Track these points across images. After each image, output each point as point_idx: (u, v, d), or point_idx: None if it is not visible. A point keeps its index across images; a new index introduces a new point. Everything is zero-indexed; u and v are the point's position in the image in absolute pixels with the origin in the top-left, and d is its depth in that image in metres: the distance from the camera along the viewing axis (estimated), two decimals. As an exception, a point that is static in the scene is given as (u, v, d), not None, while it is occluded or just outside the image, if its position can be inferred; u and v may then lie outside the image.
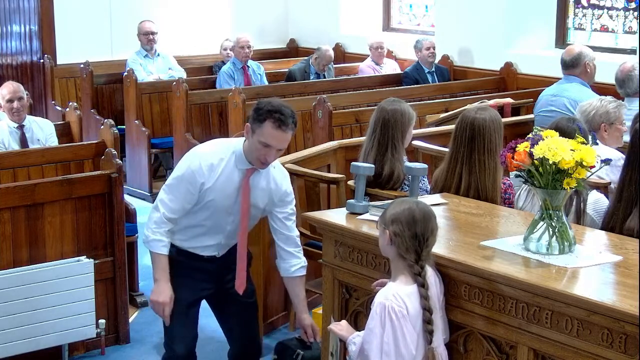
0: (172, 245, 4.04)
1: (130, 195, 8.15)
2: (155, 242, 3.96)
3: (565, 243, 3.28)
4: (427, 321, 3.16)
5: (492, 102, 6.99)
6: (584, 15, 8.83)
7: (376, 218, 3.53)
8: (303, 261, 4.15)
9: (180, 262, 4.05)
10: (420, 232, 3.18)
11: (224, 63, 9.65)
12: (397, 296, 3.14)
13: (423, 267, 3.18)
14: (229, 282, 4.11)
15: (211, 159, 3.89)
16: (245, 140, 3.91)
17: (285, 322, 5.63)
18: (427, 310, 3.16)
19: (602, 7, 8.71)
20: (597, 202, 4.14)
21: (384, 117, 4.91)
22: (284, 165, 5.37)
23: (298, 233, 4.19)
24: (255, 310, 4.31)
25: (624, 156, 4.20)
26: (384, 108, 4.95)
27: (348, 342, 3.29)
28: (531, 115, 6.78)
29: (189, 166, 3.90)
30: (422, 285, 3.16)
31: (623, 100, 5.83)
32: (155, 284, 4.00)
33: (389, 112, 4.91)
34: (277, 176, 4.04)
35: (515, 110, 7.33)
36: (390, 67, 9.88)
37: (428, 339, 3.17)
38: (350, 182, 5.05)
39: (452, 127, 4.66)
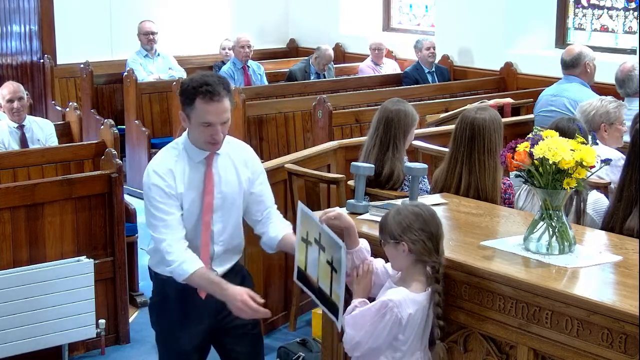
0: (158, 279, 3.66)
1: (130, 195, 8.14)
2: (179, 267, 3.46)
3: (565, 243, 3.28)
4: (438, 317, 3.18)
5: (492, 102, 6.99)
6: (584, 15, 8.83)
7: (376, 218, 3.53)
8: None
9: (168, 305, 3.64)
10: (434, 231, 3.20)
11: (223, 63, 9.66)
12: (405, 303, 3.15)
13: (442, 263, 3.20)
14: (227, 315, 3.58)
15: (165, 165, 3.52)
16: (187, 131, 3.58)
17: (285, 322, 5.63)
18: (439, 306, 3.18)
19: (602, 7, 8.72)
20: (597, 202, 4.14)
21: (387, 117, 4.91)
22: (284, 166, 5.40)
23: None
24: (261, 343, 3.86)
25: (624, 156, 4.20)
26: (387, 108, 4.96)
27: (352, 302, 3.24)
28: (531, 115, 6.78)
29: (150, 183, 3.51)
30: (438, 282, 3.19)
31: (623, 101, 5.83)
32: (223, 298, 3.45)
33: (392, 112, 4.91)
34: (238, 148, 3.68)
35: (515, 110, 7.33)
36: (390, 67, 9.89)
37: (438, 334, 3.19)
38: (350, 182, 5.05)
39: (452, 127, 4.66)
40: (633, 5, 8.48)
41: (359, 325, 3.15)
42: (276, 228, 3.67)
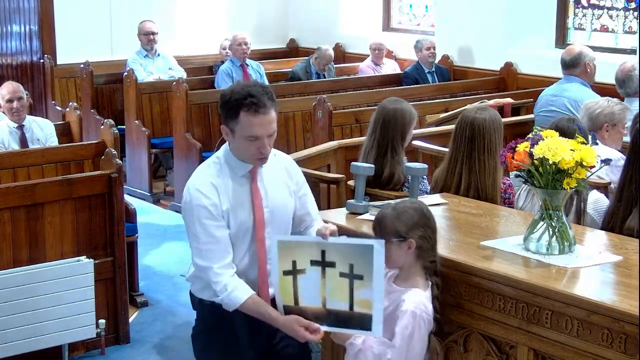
0: (202, 306, 3.41)
1: (130, 195, 8.15)
2: (230, 296, 3.24)
3: (565, 243, 3.28)
4: (437, 310, 3.21)
5: (492, 102, 6.99)
6: (584, 15, 8.83)
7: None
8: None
9: (215, 335, 3.41)
10: (433, 225, 3.25)
11: (222, 63, 9.66)
12: (425, 304, 3.17)
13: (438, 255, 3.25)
14: (278, 342, 3.39)
15: (208, 179, 3.30)
16: (227, 144, 3.36)
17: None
18: (437, 299, 3.21)
19: (602, 7, 8.71)
20: (597, 202, 4.14)
21: (383, 118, 4.88)
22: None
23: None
24: None
25: (623, 156, 4.20)
26: (384, 107, 4.93)
27: (349, 343, 3.21)
28: (531, 115, 6.78)
29: (193, 204, 3.27)
30: (437, 275, 3.22)
31: (623, 101, 5.83)
32: (278, 326, 3.26)
33: (389, 113, 4.87)
34: (280, 158, 3.47)
35: (515, 110, 7.33)
36: (390, 67, 9.89)
37: (435, 327, 3.22)
38: (350, 182, 5.05)
39: (452, 127, 4.66)
40: (633, 5, 8.47)
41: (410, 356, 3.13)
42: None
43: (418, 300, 3.15)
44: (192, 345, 3.55)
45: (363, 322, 3.10)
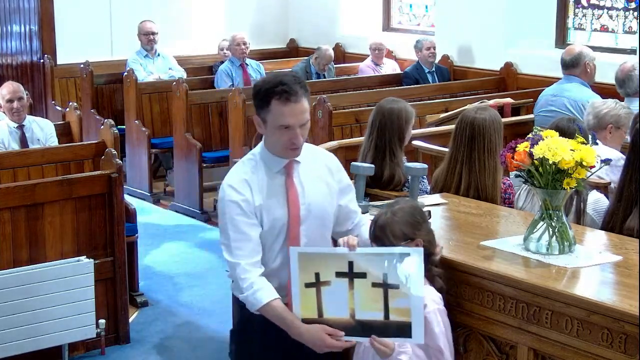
0: (240, 306, 3.32)
1: (130, 195, 8.15)
2: (253, 296, 3.16)
3: (565, 243, 3.28)
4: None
5: (492, 102, 6.98)
6: (584, 15, 8.83)
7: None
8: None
9: (250, 335, 3.35)
10: (429, 219, 3.29)
11: (222, 63, 9.66)
12: (440, 297, 3.20)
13: None
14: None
15: (241, 176, 3.25)
16: (263, 141, 3.32)
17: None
18: (443, 290, 3.25)
19: (602, 7, 8.71)
20: (597, 202, 4.14)
21: (380, 120, 4.81)
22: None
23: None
24: None
25: (623, 156, 4.20)
26: (381, 108, 4.86)
27: (395, 355, 3.11)
28: (531, 115, 6.77)
29: (225, 200, 3.23)
30: (438, 266, 3.25)
31: (623, 101, 5.83)
32: (298, 338, 3.15)
33: (385, 115, 4.80)
34: (321, 155, 3.41)
35: (515, 110, 7.33)
36: (390, 67, 9.88)
37: None
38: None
39: (452, 127, 4.66)
40: (633, 5, 8.47)
41: (438, 345, 3.14)
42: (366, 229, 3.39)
43: (434, 296, 3.18)
44: (229, 343, 3.54)
45: (402, 330, 3.05)
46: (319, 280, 3.11)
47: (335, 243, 3.32)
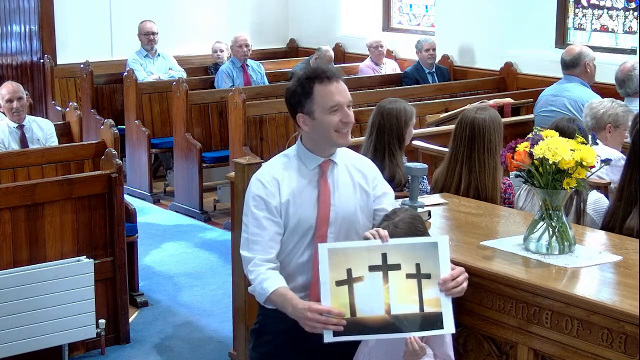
0: (260, 305, 3.29)
1: (130, 195, 8.16)
2: (260, 286, 3.14)
3: (565, 243, 3.29)
4: None
5: (492, 102, 6.99)
6: (584, 15, 8.83)
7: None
8: None
9: (265, 337, 3.34)
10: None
11: (216, 64, 9.67)
12: None
13: None
14: (326, 354, 3.14)
15: (272, 173, 3.24)
16: (301, 138, 3.30)
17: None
18: None
19: (602, 7, 8.71)
20: (597, 202, 4.14)
21: (379, 122, 4.77)
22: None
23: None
24: None
25: (624, 156, 4.20)
26: (380, 109, 4.83)
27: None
28: (531, 115, 6.78)
29: (252, 191, 3.24)
30: None
31: (623, 101, 5.83)
32: (293, 315, 3.08)
33: (384, 116, 4.76)
34: (356, 160, 3.37)
35: (515, 110, 7.33)
36: (390, 67, 9.88)
37: None
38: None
39: (452, 127, 4.66)
40: (633, 5, 8.47)
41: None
42: None
43: None
44: (250, 339, 3.50)
45: (434, 321, 2.99)
46: (352, 277, 3.02)
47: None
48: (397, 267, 3.00)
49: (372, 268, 3.01)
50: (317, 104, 3.18)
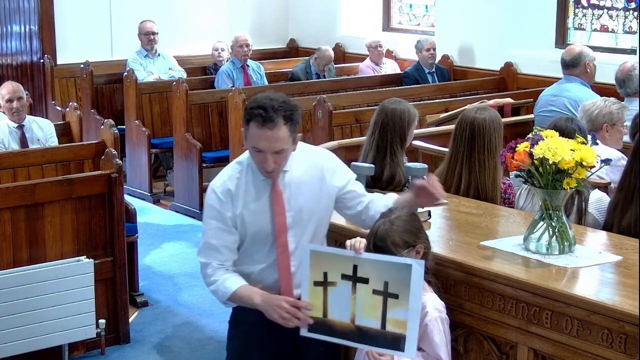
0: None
1: (130, 195, 8.16)
2: (222, 285, 3.30)
3: (565, 243, 3.29)
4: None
5: (492, 102, 6.98)
6: (584, 15, 8.83)
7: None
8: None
9: (236, 334, 3.49)
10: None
11: (216, 65, 9.67)
12: (441, 305, 3.21)
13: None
14: (304, 343, 3.26)
15: (226, 185, 3.29)
16: None
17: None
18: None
19: (602, 7, 8.71)
20: (599, 201, 4.13)
21: (382, 120, 4.79)
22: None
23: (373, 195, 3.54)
24: None
25: (624, 156, 4.21)
26: (384, 108, 4.85)
27: None
28: (531, 115, 6.78)
29: (208, 202, 3.33)
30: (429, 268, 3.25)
31: (623, 101, 5.83)
32: (260, 307, 3.24)
33: (388, 115, 4.78)
34: (313, 157, 3.40)
35: (515, 110, 7.33)
36: (390, 67, 9.88)
37: None
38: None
39: (452, 127, 4.66)
40: (633, 5, 8.47)
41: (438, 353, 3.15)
42: (384, 199, 3.46)
43: (436, 303, 3.18)
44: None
45: (395, 342, 3.03)
46: (327, 280, 3.14)
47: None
48: (365, 280, 3.07)
49: (344, 276, 3.12)
50: (248, 135, 3.22)
